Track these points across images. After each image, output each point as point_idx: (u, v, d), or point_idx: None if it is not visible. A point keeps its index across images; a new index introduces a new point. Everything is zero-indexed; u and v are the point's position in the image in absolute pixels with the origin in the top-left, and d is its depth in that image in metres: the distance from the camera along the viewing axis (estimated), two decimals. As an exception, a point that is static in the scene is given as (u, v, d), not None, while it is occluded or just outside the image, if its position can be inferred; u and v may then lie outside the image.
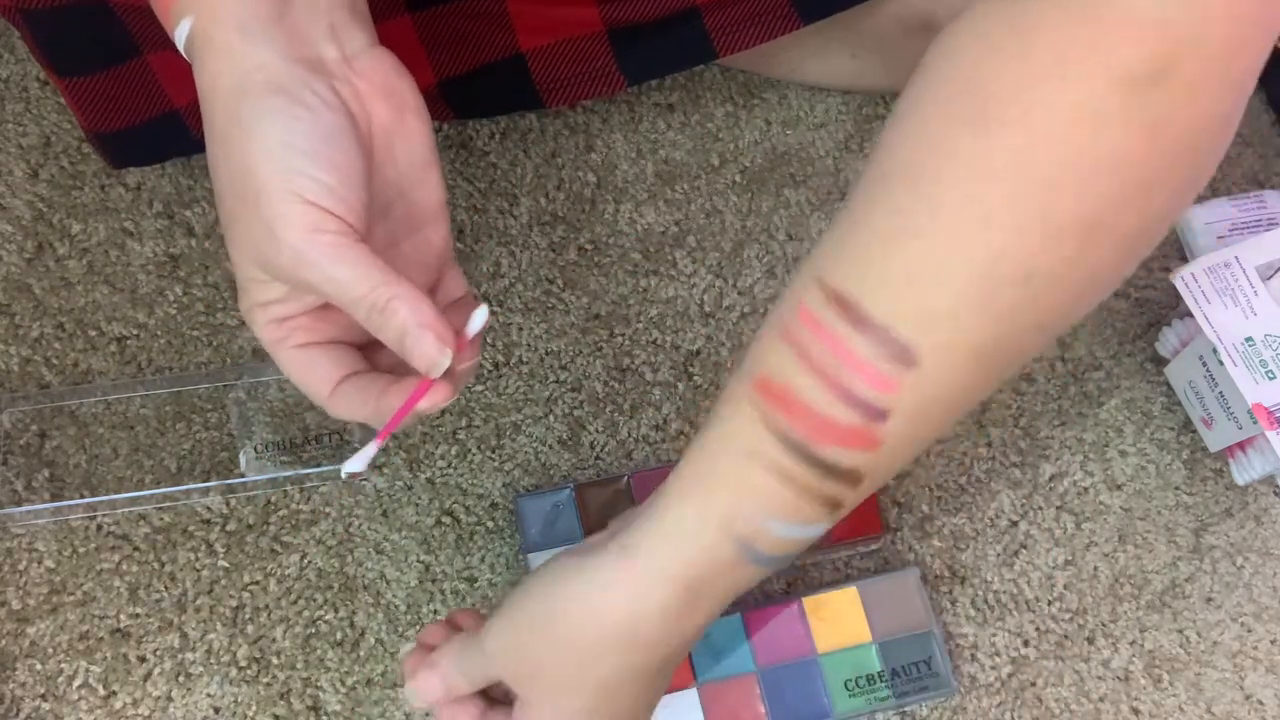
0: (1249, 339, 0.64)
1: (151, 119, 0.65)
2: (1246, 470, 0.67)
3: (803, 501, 0.41)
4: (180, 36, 0.43)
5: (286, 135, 0.41)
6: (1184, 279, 0.65)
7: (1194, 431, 0.70)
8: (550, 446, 0.67)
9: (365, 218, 0.43)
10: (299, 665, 0.61)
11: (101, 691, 0.60)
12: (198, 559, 0.63)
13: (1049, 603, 0.65)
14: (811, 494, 0.41)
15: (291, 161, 0.41)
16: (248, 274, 0.44)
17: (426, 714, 0.61)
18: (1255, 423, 0.63)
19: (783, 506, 0.42)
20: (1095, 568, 0.66)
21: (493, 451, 0.66)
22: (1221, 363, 0.64)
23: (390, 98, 0.44)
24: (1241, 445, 0.67)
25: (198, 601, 0.62)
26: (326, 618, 0.62)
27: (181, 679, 0.60)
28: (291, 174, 0.41)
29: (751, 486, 0.42)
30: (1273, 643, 0.66)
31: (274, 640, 0.61)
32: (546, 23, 0.66)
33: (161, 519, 0.63)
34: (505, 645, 0.47)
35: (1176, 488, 0.69)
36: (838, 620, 0.63)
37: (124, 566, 0.62)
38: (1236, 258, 0.66)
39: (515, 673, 0.47)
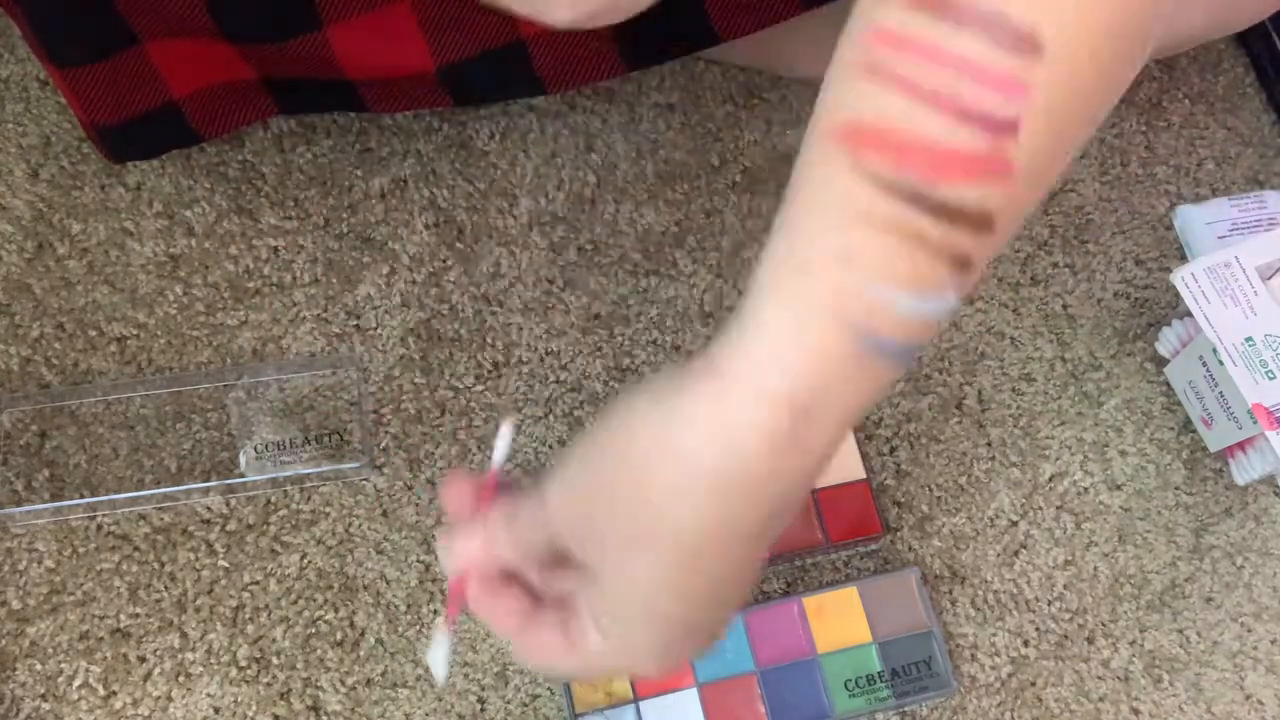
0: (1249, 339, 0.64)
1: (151, 110, 0.64)
2: (1246, 470, 0.67)
3: (925, 260, 0.33)
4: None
5: None
6: (1184, 279, 0.65)
7: (1194, 431, 0.70)
8: (550, 446, 0.67)
9: None
10: (299, 665, 0.61)
11: (101, 691, 0.60)
12: (198, 559, 0.63)
13: (1049, 603, 0.65)
14: (934, 249, 0.33)
15: None
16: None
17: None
18: (1255, 423, 0.63)
19: (903, 272, 0.33)
20: (1095, 568, 0.66)
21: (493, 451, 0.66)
22: (1221, 363, 0.64)
23: None
24: (1241, 445, 0.67)
25: (198, 601, 0.62)
26: (326, 618, 0.62)
27: (181, 679, 0.60)
28: None
29: (862, 254, 0.33)
30: (1273, 643, 0.66)
31: (274, 640, 0.61)
32: None
33: (161, 519, 0.63)
34: (569, 497, 0.38)
35: (1176, 488, 0.69)
36: (838, 620, 0.63)
37: (124, 566, 0.62)
38: (1236, 258, 0.65)
39: (579, 532, 0.38)
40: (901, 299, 0.33)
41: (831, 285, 0.33)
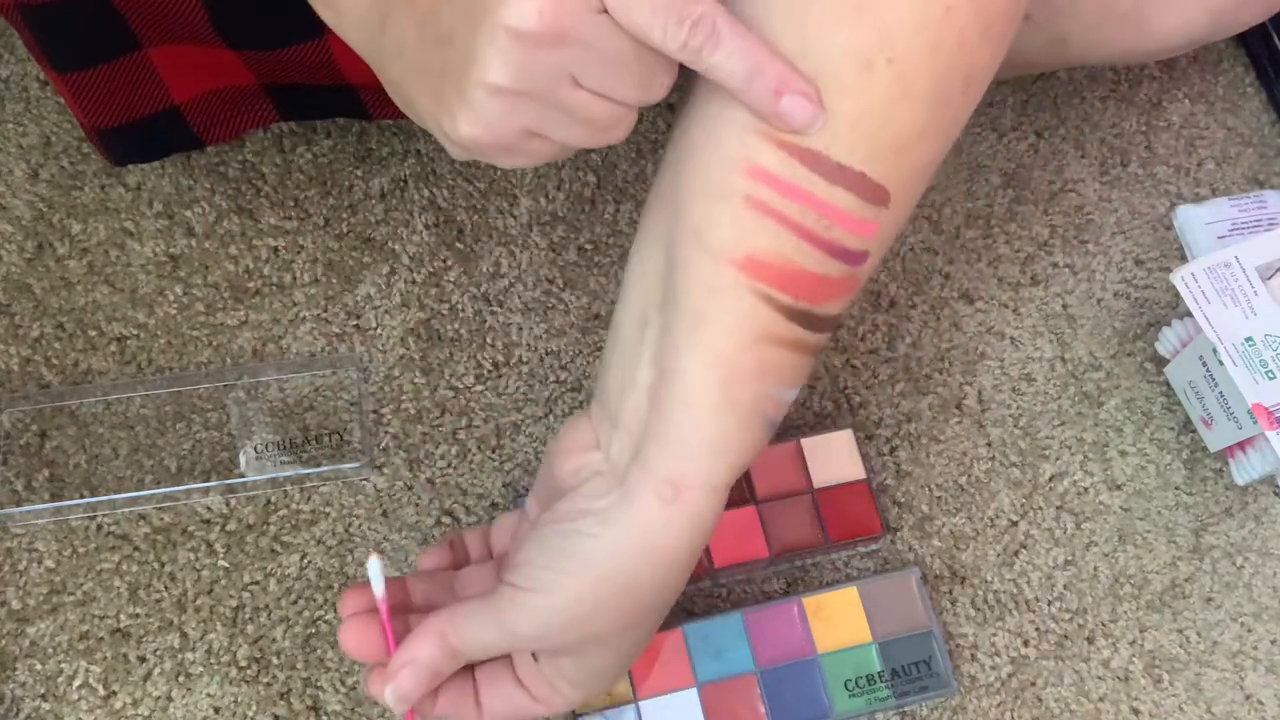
0: (1249, 339, 0.64)
1: (152, 114, 0.65)
2: (1246, 470, 0.67)
3: (806, 360, 0.43)
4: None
5: None
6: (1184, 279, 0.65)
7: (1194, 431, 0.70)
8: (550, 446, 0.67)
9: None
10: (299, 665, 0.61)
11: (101, 691, 0.60)
12: (198, 559, 0.63)
13: (1049, 603, 0.65)
14: (810, 351, 0.43)
15: None
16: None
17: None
18: (1255, 423, 0.63)
19: (797, 373, 0.43)
20: (1095, 568, 0.66)
21: (493, 451, 0.66)
22: (1221, 363, 0.64)
23: None
24: (1241, 445, 0.67)
25: (198, 601, 0.62)
26: (326, 618, 0.62)
27: (181, 679, 0.60)
28: None
29: (769, 368, 0.42)
30: (1273, 643, 0.66)
31: (274, 640, 0.61)
32: None
33: (161, 519, 0.63)
34: (554, 626, 0.45)
35: (1176, 488, 0.69)
36: (838, 620, 0.63)
37: (124, 566, 0.62)
38: (1236, 258, 0.66)
39: (562, 644, 0.46)
40: (789, 391, 0.44)
41: (752, 397, 0.42)
